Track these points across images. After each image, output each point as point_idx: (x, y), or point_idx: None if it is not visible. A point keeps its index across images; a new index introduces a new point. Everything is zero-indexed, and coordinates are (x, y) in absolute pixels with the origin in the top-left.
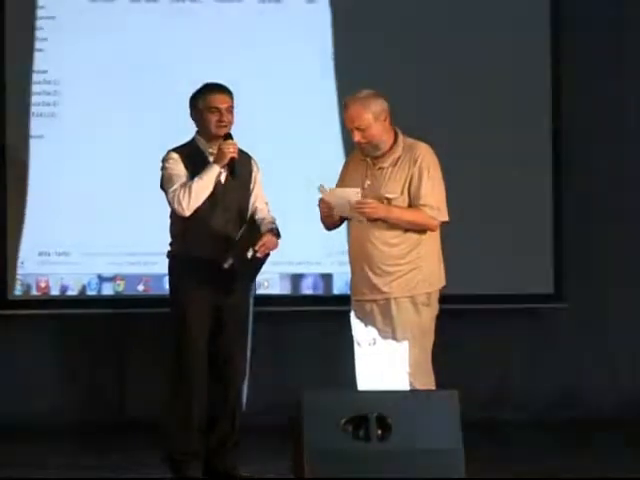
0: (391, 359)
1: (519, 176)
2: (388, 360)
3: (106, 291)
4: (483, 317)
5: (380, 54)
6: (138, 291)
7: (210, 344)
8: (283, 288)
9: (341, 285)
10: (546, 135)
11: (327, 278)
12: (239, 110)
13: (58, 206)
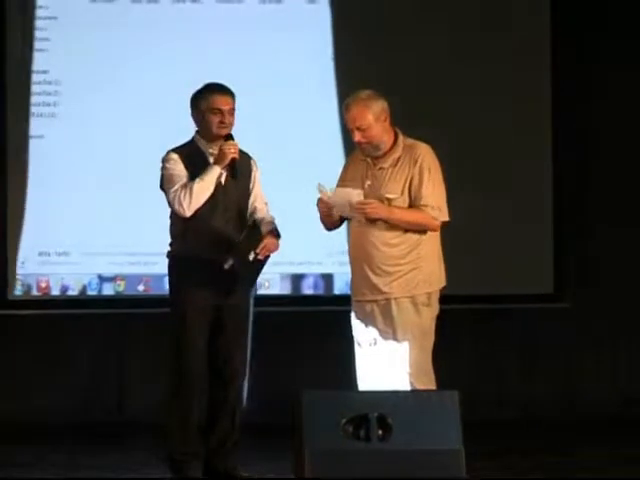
0: (391, 359)
1: (519, 176)
2: (388, 360)
3: (106, 291)
4: (483, 317)
5: (380, 54)
6: (138, 291)
7: (210, 344)
8: (284, 288)
9: (342, 285)
10: (546, 135)
11: (328, 278)
12: (239, 110)
13: (58, 206)
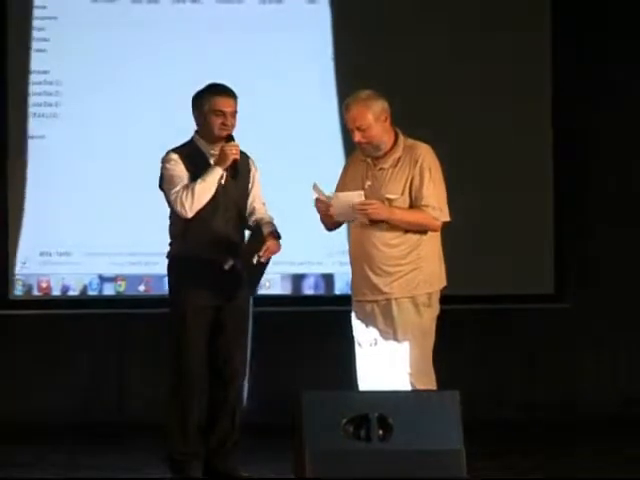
0: (392, 360)
1: (520, 176)
2: (389, 361)
3: (107, 291)
4: (483, 317)
5: (380, 54)
6: (139, 291)
7: (210, 344)
8: (284, 288)
9: (342, 285)
10: (547, 135)
11: (328, 278)
12: (239, 110)
13: (59, 206)
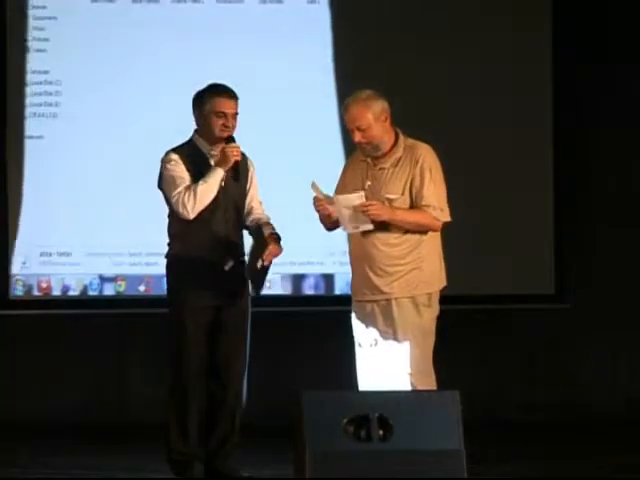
0: (392, 360)
1: (520, 176)
2: (389, 361)
3: (107, 291)
4: (484, 317)
5: (380, 54)
6: (139, 291)
7: (210, 345)
8: (285, 288)
9: (342, 285)
10: (547, 135)
11: (328, 278)
12: (240, 109)
13: (59, 206)
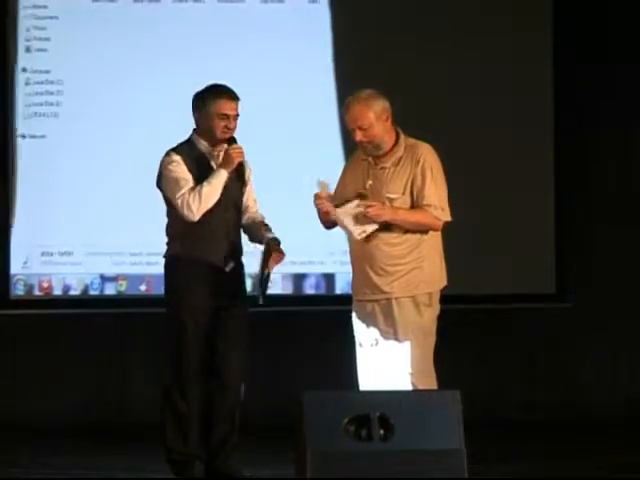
0: (393, 359)
1: (521, 175)
2: (390, 360)
3: (108, 291)
4: (484, 317)
5: (381, 54)
6: (140, 291)
7: (209, 346)
8: (285, 288)
9: (343, 285)
10: (548, 135)
11: (329, 278)
12: (241, 110)
13: (60, 206)
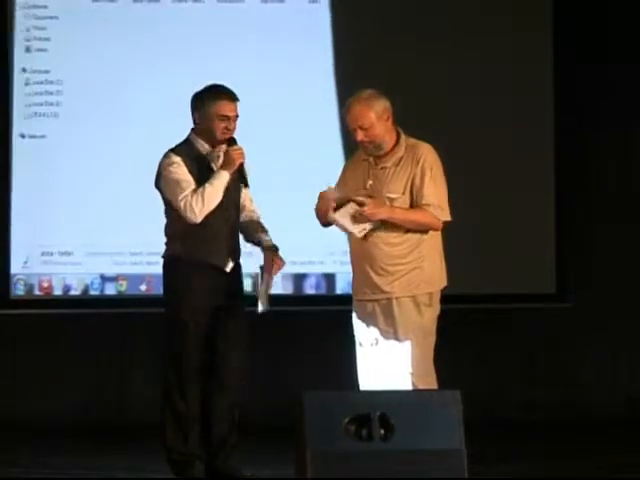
0: (393, 359)
1: (521, 175)
2: (390, 360)
3: (109, 291)
4: (484, 317)
5: (381, 54)
6: (140, 291)
7: (209, 346)
8: (285, 288)
9: (343, 285)
10: (548, 135)
11: (329, 278)
12: (241, 109)
13: (60, 206)
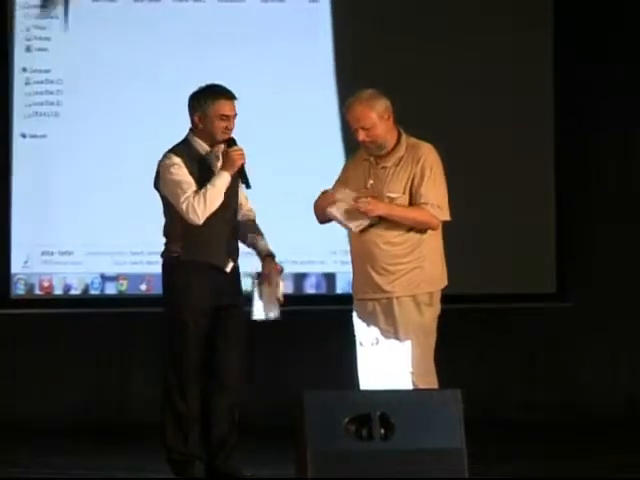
0: (393, 359)
1: (521, 175)
2: (390, 360)
3: (109, 290)
4: (484, 316)
5: (381, 54)
6: (141, 290)
7: (209, 346)
8: (286, 287)
9: (344, 285)
10: (548, 135)
11: (330, 277)
12: (241, 109)
13: (61, 205)
